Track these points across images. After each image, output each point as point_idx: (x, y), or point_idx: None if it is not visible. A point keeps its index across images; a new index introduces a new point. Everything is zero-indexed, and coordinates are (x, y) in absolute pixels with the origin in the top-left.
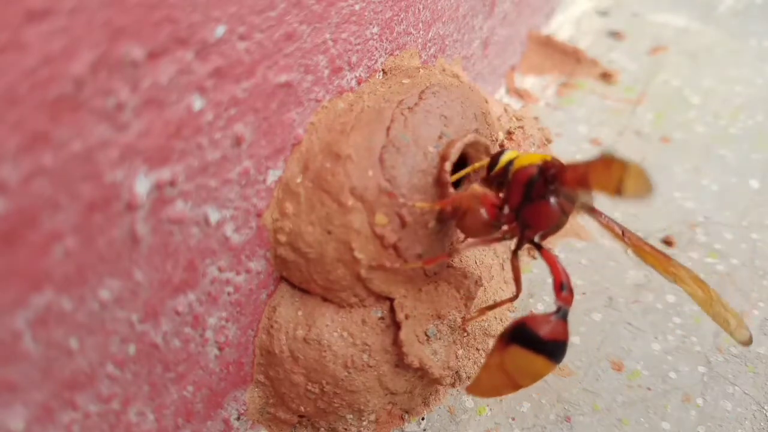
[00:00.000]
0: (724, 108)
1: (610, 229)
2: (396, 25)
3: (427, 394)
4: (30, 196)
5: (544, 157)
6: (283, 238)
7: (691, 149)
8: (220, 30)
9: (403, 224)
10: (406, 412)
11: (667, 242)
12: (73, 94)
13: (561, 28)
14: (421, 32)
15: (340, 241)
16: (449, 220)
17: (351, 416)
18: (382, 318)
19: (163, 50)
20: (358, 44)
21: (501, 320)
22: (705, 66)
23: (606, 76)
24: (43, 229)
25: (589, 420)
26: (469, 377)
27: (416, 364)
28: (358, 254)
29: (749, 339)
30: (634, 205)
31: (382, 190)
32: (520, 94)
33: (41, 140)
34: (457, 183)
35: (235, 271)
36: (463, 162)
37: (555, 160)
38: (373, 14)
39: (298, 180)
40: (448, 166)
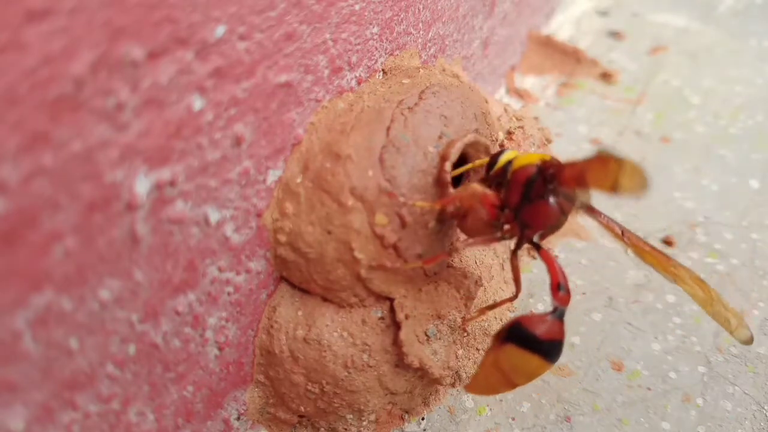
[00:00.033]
0: (724, 108)
1: (609, 229)
2: (396, 25)
3: (427, 394)
4: (30, 196)
5: (543, 157)
6: (283, 238)
7: (691, 149)
8: (220, 30)
9: (403, 224)
10: (406, 412)
11: (667, 242)
12: (73, 94)
13: (561, 28)
14: (421, 32)
15: (340, 241)
16: (449, 220)
17: (351, 416)
18: (382, 318)
19: (163, 50)
20: (358, 44)
21: (501, 320)
22: (705, 66)
23: (606, 76)
24: (43, 229)
25: (589, 420)
26: (469, 377)
27: (416, 364)
28: (358, 254)
29: (750, 338)
30: (634, 205)
31: (382, 190)
32: (520, 94)
33: (41, 140)
34: (456, 183)
35: (235, 271)
36: (463, 162)
37: (553, 160)
38: (373, 14)
39: (298, 180)
40: (448, 166)
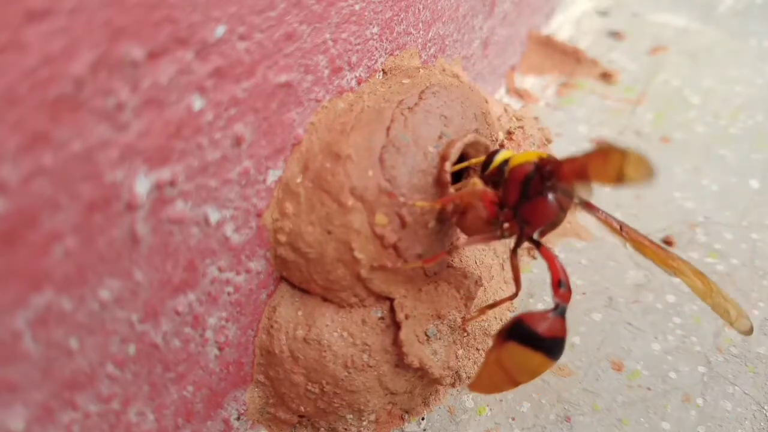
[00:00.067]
0: (724, 108)
1: (608, 225)
2: (396, 25)
3: (427, 394)
4: (30, 196)
5: (540, 154)
6: (283, 238)
7: (691, 149)
8: (220, 30)
9: (403, 224)
10: (406, 412)
11: (667, 242)
12: (73, 94)
13: (561, 28)
14: (421, 32)
15: (340, 241)
16: (449, 220)
17: (351, 416)
18: (382, 318)
19: (163, 50)
20: (358, 44)
21: (501, 320)
22: (705, 66)
23: (606, 76)
24: (43, 229)
25: (589, 420)
26: (469, 377)
27: (416, 364)
28: (358, 254)
29: (750, 329)
30: (634, 205)
31: (382, 190)
32: (520, 94)
33: (41, 140)
34: (455, 184)
35: (235, 271)
36: (462, 162)
37: (551, 157)
38: (373, 14)
39: (298, 180)
40: (448, 166)
